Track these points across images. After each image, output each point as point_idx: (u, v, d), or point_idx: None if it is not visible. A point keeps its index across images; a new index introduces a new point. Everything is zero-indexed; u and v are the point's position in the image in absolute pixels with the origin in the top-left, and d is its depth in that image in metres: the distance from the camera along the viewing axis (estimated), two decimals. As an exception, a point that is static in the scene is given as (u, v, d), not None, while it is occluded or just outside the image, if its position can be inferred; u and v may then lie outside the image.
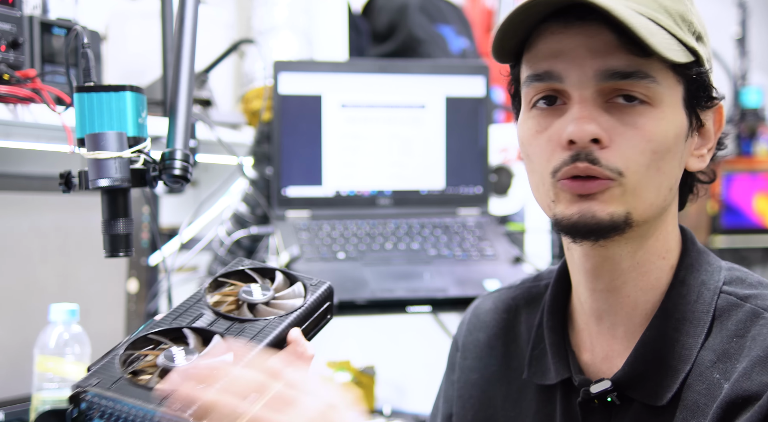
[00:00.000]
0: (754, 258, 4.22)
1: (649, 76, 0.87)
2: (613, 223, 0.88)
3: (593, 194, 0.88)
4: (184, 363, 0.83)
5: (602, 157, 0.87)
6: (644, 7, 0.87)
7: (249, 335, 0.88)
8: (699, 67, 0.90)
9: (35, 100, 1.33)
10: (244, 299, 0.93)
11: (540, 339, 1.04)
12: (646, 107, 0.87)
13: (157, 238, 1.72)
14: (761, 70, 4.57)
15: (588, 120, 0.87)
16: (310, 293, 0.96)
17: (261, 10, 2.15)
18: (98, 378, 0.82)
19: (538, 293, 1.08)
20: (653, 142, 0.87)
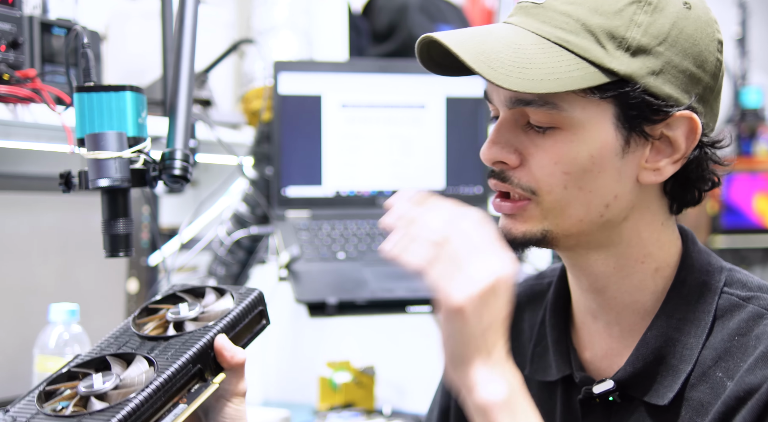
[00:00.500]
0: (754, 258, 4.22)
1: (550, 103, 0.88)
2: (526, 240, 0.92)
3: (512, 214, 0.93)
4: (103, 387, 0.84)
5: (514, 176, 0.92)
6: (557, 30, 0.88)
7: (172, 349, 0.89)
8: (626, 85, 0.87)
9: (35, 100, 1.33)
10: (171, 319, 0.94)
11: (542, 336, 1.04)
12: (557, 130, 0.89)
13: (157, 238, 1.72)
14: (761, 70, 4.57)
15: (493, 143, 0.92)
16: (237, 301, 0.97)
17: (261, 10, 2.15)
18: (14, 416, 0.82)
19: (541, 291, 1.09)
20: (561, 164, 0.89)
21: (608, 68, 0.87)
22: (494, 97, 0.94)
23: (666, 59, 0.88)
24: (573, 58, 0.87)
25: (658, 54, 0.87)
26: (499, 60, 0.86)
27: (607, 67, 0.87)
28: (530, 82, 0.85)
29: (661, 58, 0.88)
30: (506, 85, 0.85)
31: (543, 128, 0.89)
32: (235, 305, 0.96)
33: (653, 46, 0.87)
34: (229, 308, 0.96)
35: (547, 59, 0.87)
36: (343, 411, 1.95)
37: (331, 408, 1.96)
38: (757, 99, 4.17)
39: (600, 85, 0.87)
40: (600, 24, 0.87)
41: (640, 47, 0.87)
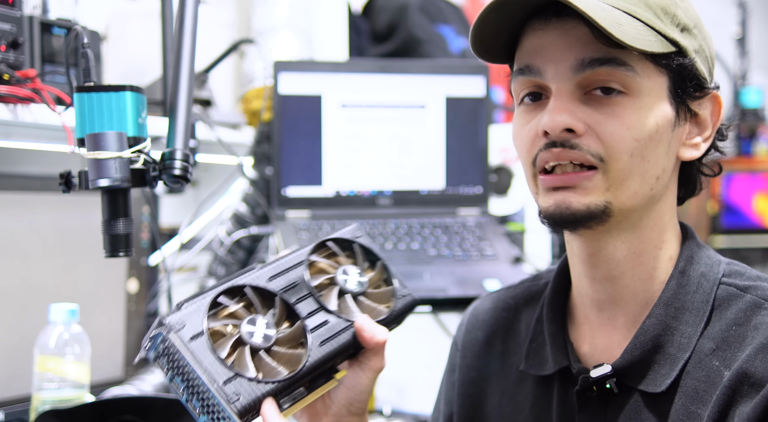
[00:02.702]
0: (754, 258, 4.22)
1: (626, 64, 0.89)
2: (590, 213, 0.91)
3: (573, 186, 0.91)
4: (258, 342, 0.87)
5: (582, 143, 0.90)
6: (622, 1, 0.90)
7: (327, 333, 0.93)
8: (682, 57, 0.91)
9: (35, 100, 1.33)
10: (339, 283, 0.98)
11: (539, 332, 1.05)
12: (624, 96, 0.90)
13: (157, 238, 1.72)
14: (761, 70, 4.57)
15: (560, 111, 0.90)
16: (395, 303, 1.01)
17: (261, 10, 2.15)
18: (183, 323, 0.85)
19: (538, 292, 1.09)
20: (632, 129, 0.89)
21: (672, 38, 0.90)
22: (551, 66, 0.91)
23: (699, 41, 0.94)
24: (643, 26, 0.89)
25: (695, 35, 0.93)
26: (601, 16, 0.86)
27: (671, 37, 0.90)
28: (630, 38, 0.86)
29: (697, 40, 0.93)
30: (618, 35, 0.85)
31: (610, 94, 0.90)
32: (393, 307, 1.00)
33: (691, 27, 0.93)
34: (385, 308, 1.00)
35: (629, 22, 0.88)
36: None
37: (331, 408, 1.96)
38: (757, 99, 4.17)
39: (667, 54, 0.90)
40: (654, 1, 0.91)
41: (685, 26, 0.92)
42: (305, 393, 0.91)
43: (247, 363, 0.86)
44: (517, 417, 1.04)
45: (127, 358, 1.71)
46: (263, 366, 0.87)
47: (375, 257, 1.03)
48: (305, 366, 0.89)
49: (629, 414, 0.94)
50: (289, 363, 0.89)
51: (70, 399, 1.36)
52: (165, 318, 0.85)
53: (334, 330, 0.93)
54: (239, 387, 0.84)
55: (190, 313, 0.86)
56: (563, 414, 0.99)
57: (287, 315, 0.93)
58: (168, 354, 0.84)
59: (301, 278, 0.96)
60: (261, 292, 0.92)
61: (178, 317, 0.85)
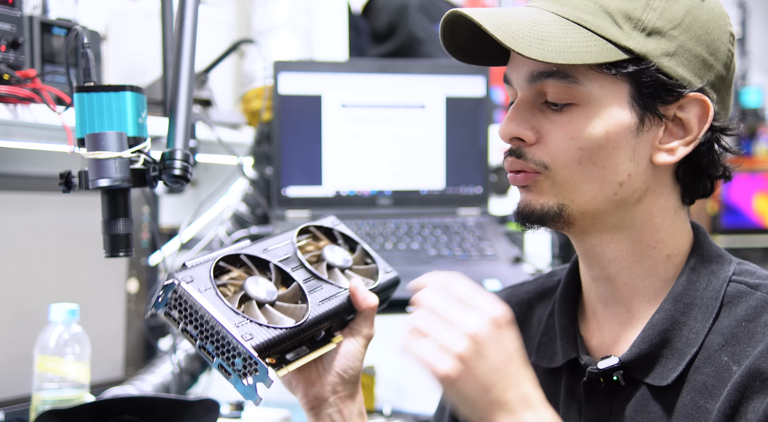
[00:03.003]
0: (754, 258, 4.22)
1: (569, 76, 0.91)
2: (544, 213, 0.95)
3: (527, 186, 0.96)
4: (263, 296, 0.93)
5: (528, 152, 0.94)
6: (575, 11, 0.92)
7: (323, 295, 0.99)
8: (640, 63, 0.90)
9: (35, 100, 1.33)
10: (326, 258, 1.04)
11: (550, 326, 1.06)
12: (574, 107, 0.92)
13: (157, 238, 1.72)
14: (761, 70, 4.57)
15: (510, 121, 0.95)
16: (380, 277, 1.07)
17: (261, 10, 2.15)
18: (192, 277, 0.91)
19: (551, 288, 1.10)
20: (577, 139, 0.92)
21: (624, 46, 0.90)
22: (513, 76, 0.96)
23: (680, 43, 0.91)
24: (590, 35, 0.90)
25: (672, 37, 0.91)
26: (521, 32, 0.89)
27: (623, 45, 0.90)
28: (551, 52, 0.88)
29: (674, 41, 0.91)
30: (528, 53, 0.88)
31: (560, 106, 0.92)
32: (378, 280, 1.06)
33: (667, 30, 0.91)
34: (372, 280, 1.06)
35: (565, 35, 0.90)
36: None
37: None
38: (757, 99, 4.17)
39: (617, 62, 0.90)
40: (617, 6, 0.91)
41: (655, 29, 0.91)
42: (307, 350, 0.96)
43: (256, 313, 0.92)
44: None
45: (127, 358, 1.71)
46: (270, 316, 0.93)
47: (354, 243, 1.09)
48: (309, 318, 0.94)
49: (635, 407, 0.94)
50: (294, 315, 0.94)
51: (70, 399, 1.36)
52: (174, 272, 0.90)
53: (328, 293, 1.00)
54: (251, 329, 0.89)
55: (197, 271, 0.92)
56: (570, 405, 0.99)
57: (282, 281, 0.98)
58: (180, 304, 0.89)
59: (292, 252, 1.02)
60: (256, 261, 0.98)
61: (188, 272, 0.91)
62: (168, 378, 1.61)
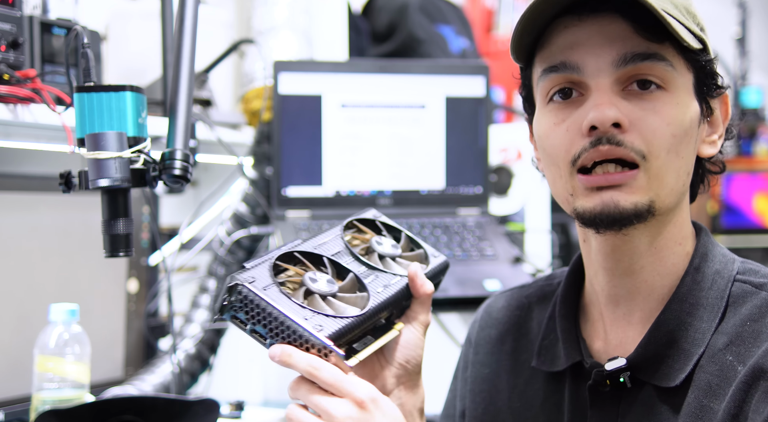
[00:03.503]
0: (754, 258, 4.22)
1: (666, 60, 0.90)
2: (636, 212, 0.90)
3: (619, 185, 0.90)
4: (324, 289, 0.94)
5: (626, 139, 0.89)
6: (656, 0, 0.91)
7: (380, 283, 0.99)
8: (706, 55, 0.93)
9: (35, 100, 1.33)
10: (376, 249, 1.04)
11: (551, 329, 1.05)
12: (662, 92, 0.90)
13: (157, 238, 1.72)
14: (761, 70, 4.57)
15: (608, 105, 0.89)
16: (431, 262, 1.07)
17: (261, 10, 2.15)
18: (253, 277, 0.91)
19: (551, 291, 1.10)
20: (672, 125, 0.90)
21: (699, 36, 0.92)
22: (591, 61, 0.91)
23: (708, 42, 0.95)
24: (677, 24, 0.90)
25: (707, 35, 0.95)
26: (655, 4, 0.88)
27: (698, 35, 0.92)
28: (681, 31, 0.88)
29: (709, 40, 0.94)
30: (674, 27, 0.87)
31: (648, 88, 0.90)
32: (430, 264, 1.06)
33: (705, 28, 0.95)
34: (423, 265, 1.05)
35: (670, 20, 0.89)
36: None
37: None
38: (757, 99, 4.17)
39: (696, 51, 0.92)
40: (680, 1, 0.93)
41: (702, 27, 0.94)
42: (372, 339, 0.96)
43: (322, 306, 0.92)
44: (527, 413, 1.04)
45: (127, 358, 1.71)
46: (335, 307, 0.93)
47: (398, 232, 1.10)
48: (373, 306, 0.95)
49: (642, 409, 0.94)
50: (357, 304, 0.95)
51: (70, 399, 1.36)
52: (234, 274, 0.90)
53: (385, 281, 1.00)
54: (320, 321, 0.89)
55: (257, 271, 0.92)
56: (575, 409, 0.99)
57: (338, 274, 0.99)
58: (246, 305, 0.89)
59: (342, 246, 1.03)
60: (311, 257, 0.99)
61: (249, 273, 0.91)
62: (168, 378, 1.61)
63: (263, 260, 0.94)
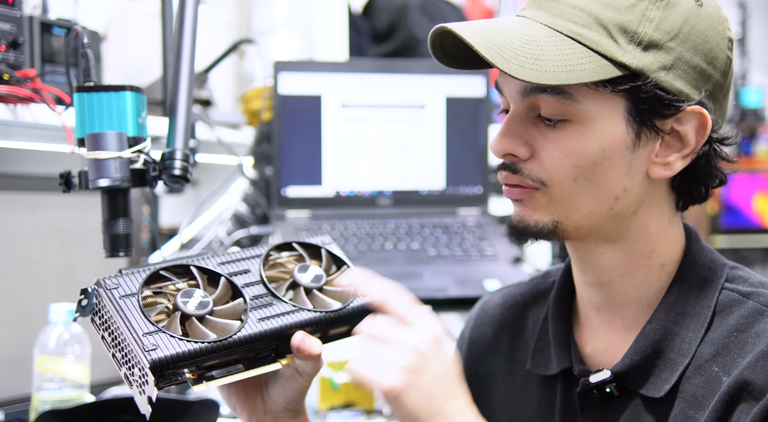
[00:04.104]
0: (754, 258, 4.23)
1: (564, 93, 0.88)
2: (539, 229, 0.93)
3: (521, 200, 0.93)
4: (192, 311, 0.87)
5: (525, 168, 0.92)
6: (569, 23, 0.88)
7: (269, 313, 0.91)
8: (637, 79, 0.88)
9: (35, 100, 1.33)
10: (294, 276, 0.96)
11: (545, 331, 1.05)
12: (568, 123, 0.89)
13: (157, 238, 1.72)
14: (761, 70, 4.57)
15: (504, 136, 0.92)
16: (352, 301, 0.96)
17: (261, 10, 2.15)
18: (118, 284, 0.88)
19: (546, 290, 1.09)
20: (572, 157, 0.89)
21: (620, 62, 0.87)
22: (505, 88, 0.94)
23: (677, 55, 0.88)
24: (585, 51, 0.87)
25: (669, 49, 0.88)
26: (512, 51, 0.87)
27: (619, 61, 0.87)
28: (543, 73, 0.86)
29: (672, 54, 0.88)
30: (520, 75, 0.85)
31: (554, 121, 0.90)
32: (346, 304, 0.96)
33: (665, 42, 0.88)
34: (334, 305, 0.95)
35: (559, 51, 0.87)
36: (343, 411, 1.95)
37: (331, 408, 1.96)
38: (757, 99, 4.17)
39: (612, 79, 0.87)
40: (612, 18, 0.88)
41: (652, 42, 0.88)
42: (242, 369, 0.90)
43: (176, 326, 0.86)
44: (522, 415, 1.04)
45: (127, 358, 1.71)
46: (194, 330, 0.87)
47: (341, 264, 1.01)
48: (236, 335, 0.87)
49: (629, 417, 0.94)
50: (222, 331, 0.88)
51: (70, 399, 1.36)
52: (102, 278, 0.88)
53: (277, 311, 0.92)
54: (160, 340, 0.84)
55: (128, 278, 0.88)
56: (566, 414, 0.99)
57: (231, 297, 0.92)
58: (99, 310, 0.87)
59: (255, 267, 0.96)
60: (206, 272, 0.93)
61: (115, 279, 0.88)
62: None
63: (146, 268, 0.90)
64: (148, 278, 0.89)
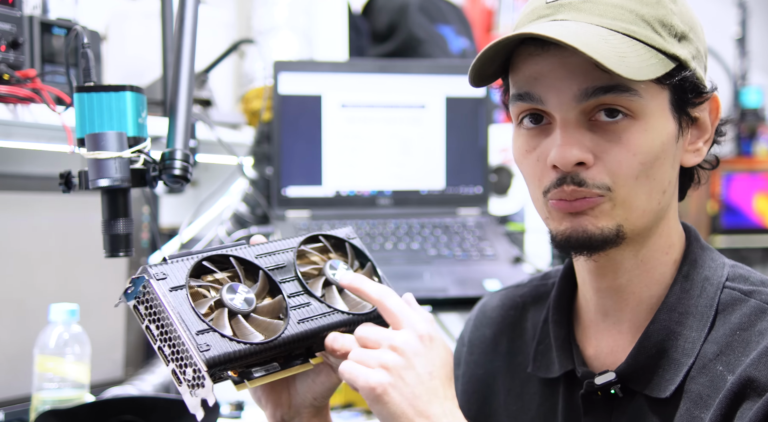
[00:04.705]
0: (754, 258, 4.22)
1: (631, 90, 0.87)
2: (604, 237, 0.90)
3: (583, 211, 0.90)
4: (239, 308, 0.87)
5: (588, 177, 0.89)
6: (618, 22, 0.88)
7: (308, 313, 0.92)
8: (682, 71, 0.89)
9: (35, 100, 1.33)
10: (326, 273, 0.97)
11: (545, 334, 1.05)
12: (630, 120, 0.88)
13: (157, 238, 1.72)
14: (761, 70, 4.57)
15: (569, 146, 0.88)
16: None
17: (261, 10, 2.15)
18: (165, 274, 0.86)
19: (546, 292, 1.09)
20: (639, 155, 0.88)
21: (672, 54, 0.88)
22: (553, 95, 0.89)
23: (696, 45, 0.92)
24: (643, 47, 0.87)
25: (691, 40, 0.91)
26: (602, 51, 0.84)
27: (671, 53, 0.88)
28: (636, 70, 0.85)
29: (694, 44, 0.91)
30: (626, 74, 0.83)
31: (615, 117, 0.88)
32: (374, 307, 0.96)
33: (687, 32, 0.91)
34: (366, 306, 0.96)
35: (630, 48, 0.87)
36: (343, 411, 1.95)
37: (331, 408, 1.96)
38: (757, 99, 4.17)
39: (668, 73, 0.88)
40: (650, 13, 0.89)
41: (683, 34, 0.90)
42: (278, 368, 0.91)
43: (224, 323, 0.86)
44: (524, 417, 1.04)
45: (127, 358, 1.71)
46: (240, 328, 0.87)
47: (366, 259, 1.02)
48: (281, 336, 0.88)
49: (634, 418, 0.94)
50: (267, 331, 0.88)
51: (70, 399, 1.36)
52: (150, 266, 0.86)
53: (314, 312, 0.93)
54: (212, 340, 0.84)
55: (175, 267, 0.87)
56: (569, 416, 0.99)
57: (269, 291, 0.92)
58: (146, 301, 0.85)
59: (289, 261, 0.95)
60: (246, 265, 0.92)
61: (163, 268, 0.86)
62: (168, 378, 1.61)
63: (189, 257, 0.89)
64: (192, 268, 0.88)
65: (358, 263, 1.01)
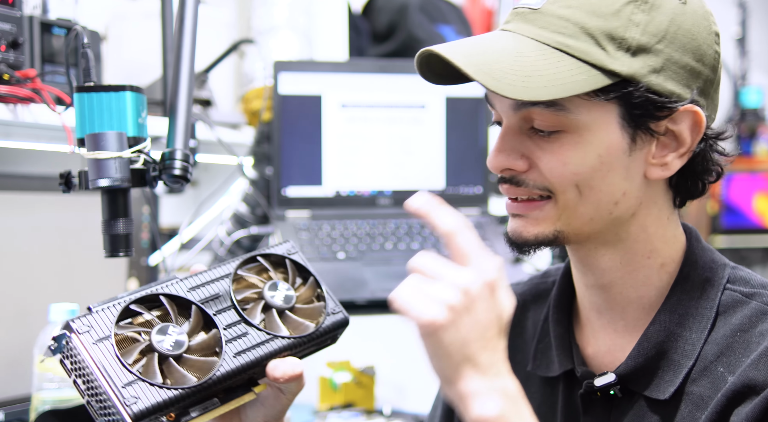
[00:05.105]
0: (754, 258, 4.23)
1: (556, 105, 0.88)
2: (538, 242, 0.93)
3: (525, 214, 0.93)
4: (168, 351, 0.84)
5: (527, 178, 0.92)
6: (556, 35, 0.88)
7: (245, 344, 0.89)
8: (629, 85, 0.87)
9: (35, 100, 1.33)
10: (265, 298, 0.93)
11: (545, 332, 1.05)
12: (563, 133, 0.89)
13: (157, 238, 1.72)
14: (761, 70, 4.57)
15: (498, 152, 0.93)
16: (324, 319, 0.96)
17: (261, 10, 2.15)
18: (90, 325, 0.83)
19: (546, 290, 1.09)
20: (570, 165, 0.89)
21: (610, 70, 0.87)
22: (497, 103, 0.94)
23: (666, 56, 0.88)
24: (575, 63, 0.87)
25: (658, 52, 0.88)
26: (502, 70, 0.86)
27: (609, 69, 0.87)
28: (534, 90, 0.85)
29: (661, 56, 0.88)
30: (511, 94, 0.85)
31: (548, 133, 0.89)
32: (321, 324, 0.95)
33: (653, 45, 0.88)
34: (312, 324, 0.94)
35: (549, 65, 0.87)
36: (343, 411, 1.95)
37: (331, 408, 1.96)
38: (757, 99, 4.17)
39: (603, 87, 0.87)
40: (599, 26, 0.87)
41: (640, 46, 0.87)
42: (218, 403, 0.88)
43: (154, 370, 0.84)
44: None
45: (127, 358, 1.71)
46: (172, 373, 0.85)
47: (308, 274, 0.99)
48: (215, 375, 0.86)
49: (633, 419, 0.94)
50: (201, 370, 0.86)
51: (70, 399, 1.36)
52: (72, 320, 0.84)
53: (252, 342, 0.90)
54: (140, 391, 0.82)
55: (99, 317, 0.85)
56: (568, 415, 0.99)
57: (204, 325, 0.89)
58: (71, 356, 0.83)
59: (225, 290, 0.92)
60: (177, 301, 0.89)
61: (86, 320, 0.84)
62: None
63: (116, 302, 0.86)
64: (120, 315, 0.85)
65: (301, 279, 0.99)
